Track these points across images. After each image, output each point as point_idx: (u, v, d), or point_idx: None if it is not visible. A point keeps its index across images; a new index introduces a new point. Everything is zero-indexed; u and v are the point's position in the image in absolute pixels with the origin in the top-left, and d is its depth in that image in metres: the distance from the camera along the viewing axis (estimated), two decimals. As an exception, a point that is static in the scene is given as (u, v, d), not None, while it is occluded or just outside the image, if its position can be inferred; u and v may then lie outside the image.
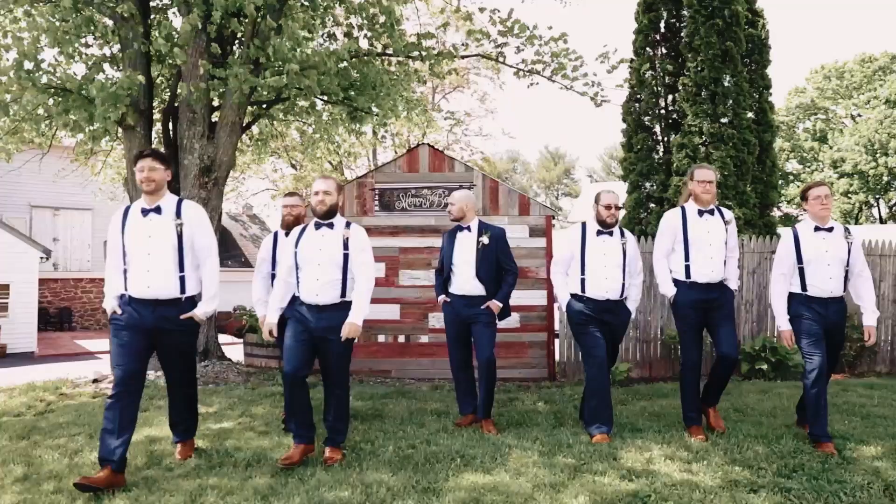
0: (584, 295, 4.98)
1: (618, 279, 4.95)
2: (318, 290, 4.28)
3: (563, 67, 8.57)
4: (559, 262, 5.17)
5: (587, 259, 4.98)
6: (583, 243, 5.02)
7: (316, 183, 4.46)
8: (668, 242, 4.98)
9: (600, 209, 5.01)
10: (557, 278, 5.16)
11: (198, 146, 7.60)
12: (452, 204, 5.24)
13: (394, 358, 8.72)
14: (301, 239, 4.40)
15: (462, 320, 5.17)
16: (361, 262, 4.41)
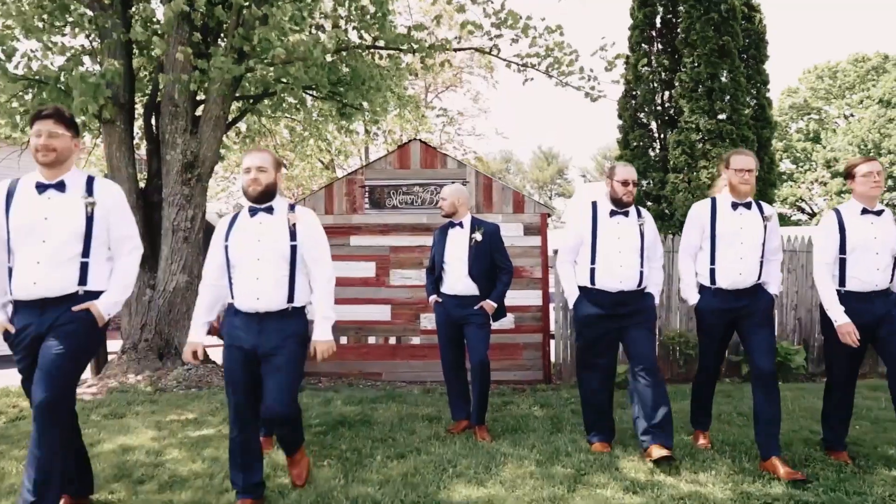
0: (594, 287, 4.33)
1: (634, 266, 4.29)
2: (259, 292, 3.38)
3: (558, 62, 8.32)
4: (567, 249, 4.51)
5: (599, 244, 4.32)
6: (594, 226, 4.35)
7: (247, 157, 3.52)
8: (696, 238, 4.35)
9: (615, 185, 4.33)
10: (564, 268, 4.53)
11: (180, 141, 7.31)
12: (443, 199, 4.98)
13: (384, 360, 8.46)
14: (233, 229, 3.50)
15: (454, 321, 4.92)
16: (317, 255, 3.58)
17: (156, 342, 7.26)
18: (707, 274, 4.28)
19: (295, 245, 3.48)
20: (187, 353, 3.50)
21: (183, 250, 7.35)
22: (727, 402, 6.52)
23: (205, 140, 7.39)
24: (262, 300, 3.40)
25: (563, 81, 8.50)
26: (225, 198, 31.27)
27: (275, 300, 3.42)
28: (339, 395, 6.55)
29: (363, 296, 8.47)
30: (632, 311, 4.34)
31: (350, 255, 8.52)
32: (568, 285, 4.53)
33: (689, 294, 4.48)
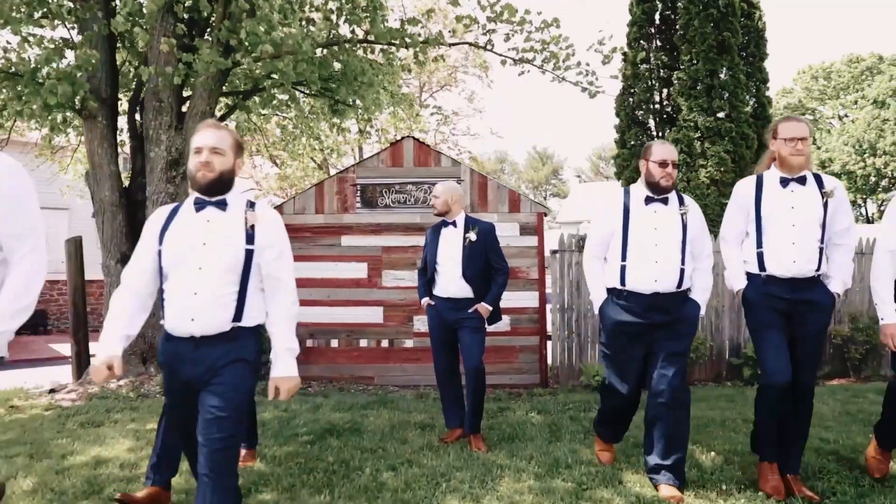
0: (623, 289, 3.65)
1: (673, 263, 3.59)
2: (196, 310, 2.61)
3: (554, 56, 8.10)
4: (595, 243, 3.85)
5: (631, 236, 3.65)
6: (625, 215, 3.69)
7: (198, 135, 2.75)
8: (739, 221, 3.72)
9: (651, 167, 3.68)
10: (591, 266, 3.88)
11: (165, 137, 7.06)
12: (436, 196, 4.74)
13: (376, 364, 8.22)
14: (170, 227, 2.74)
15: (447, 325, 4.68)
16: (279, 268, 2.79)
17: (139, 346, 7.00)
18: (755, 259, 3.64)
19: (251, 251, 2.70)
20: (99, 370, 2.62)
21: (167, 251, 7.08)
22: (730, 406, 6.31)
23: (190, 136, 7.12)
24: (198, 321, 2.62)
25: (560, 77, 8.27)
26: (218, 198, 30.93)
27: (215, 321, 2.64)
28: (329, 401, 6.31)
29: (354, 297, 8.24)
30: (669, 320, 3.62)
31: (341, 256, 8.28)
32: (594, 286, 3.86)
33: (734, 280, 3.79)
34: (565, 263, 8.29)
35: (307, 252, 8.27)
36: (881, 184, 38.90)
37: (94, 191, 7.18)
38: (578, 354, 8.28)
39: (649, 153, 3.73)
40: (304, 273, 8.25)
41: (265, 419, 5.36)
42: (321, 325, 8.21)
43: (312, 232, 8.30)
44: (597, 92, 8.27)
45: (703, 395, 7.01)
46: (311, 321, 8.20)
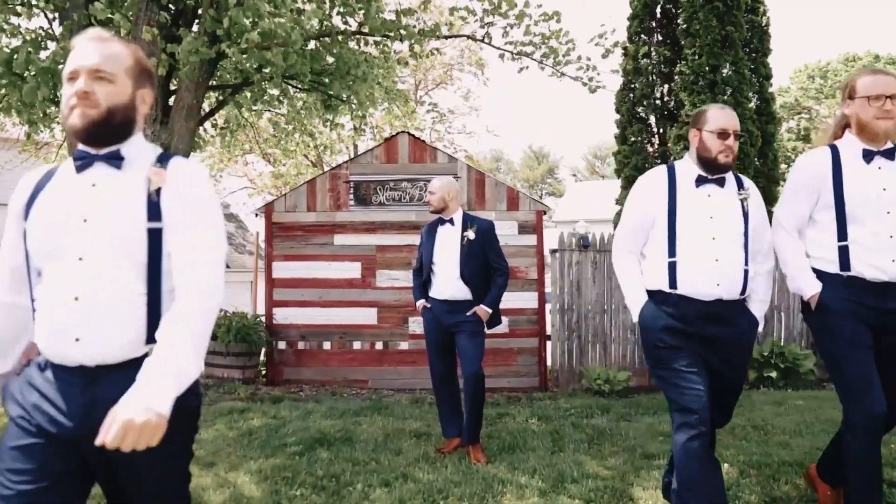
0: (674, 293, 2.84)
1: (737, 262, 2.82)
2: (79, 326, 1.65)
3: (554, 51, 7.83)
4: (628, 233, 3.03)
5: (681, 226, 2.84)
6: (671, 199, 2.88)
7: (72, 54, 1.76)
8: (805, 205, 2.91)
9: (707, 138, 2.85)
10: (623, 263, 3.03)
11: (149, 132, 6.74)
12: (432, 193, 4.47)
13: (370, 367, 7.96)
14: (38, 198, 1.78)
15: (444, 329, 4.42)
16: (190, 243, 1.73)
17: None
18: (834, 255, 2.83)
19: (159, 229, 1.71)
20: None
21: (152, 250, 6.79)
22: (737, 412, 6.06)
23: (176, 131, 6.83)
24: (84, 343, 1.64)
25: (560, 72, 8.01)
26: (211, 197, 30.63)
27: (113, 342, 1.65)
28: (321, 407, 6.04)
29: (348, 298, 7.97)
30: (726, 337, 2.84)
31: (334, 255, 8.01)
32: (630, 287, 3.00)
33: (803, 281, 2.90)
34: (565, 263, 8.04)
35: (299, 251, 8.00)
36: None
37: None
38: (579, 357, 8.03)
39: (703, 120, 2.89)
40: (296, 273, 7.98)
41: (252, 427, 5.09)
42: (313, 327, 7.94)
43: (304, 230, 8.03)
44: (597, 87, 8.01)
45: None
46: (303, 322, 7.94)
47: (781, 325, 8.52)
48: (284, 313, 7.96)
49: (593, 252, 8.08)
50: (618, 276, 3.08)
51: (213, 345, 7.42)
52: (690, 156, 2.97)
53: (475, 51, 28.73)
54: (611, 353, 8.10)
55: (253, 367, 7.62)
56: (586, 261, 8.07)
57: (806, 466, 3.81)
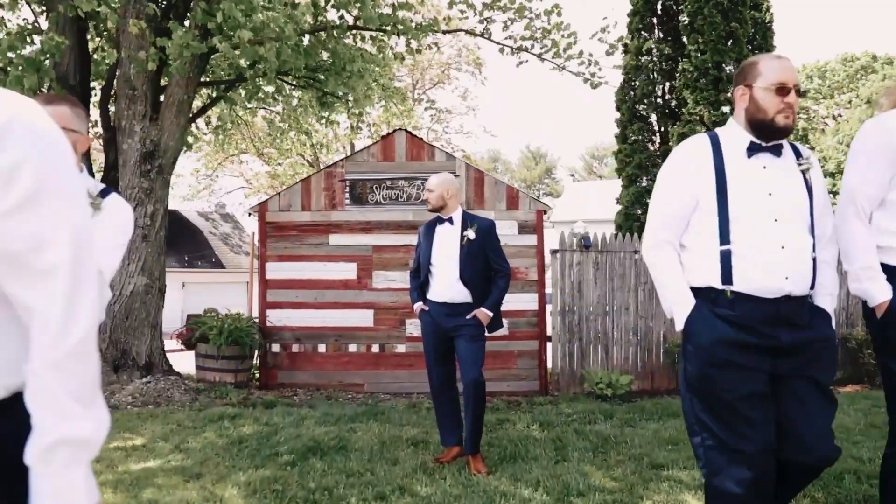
0: (729, 290, 2.21)
1: (806, 248, 2.23)
2: None
3: (555, 45, 7.65)
4: (663, 220, 2.39)
5: (734, 207, 2.23)
6: (720, 175, 2.26)
7: None
8: (875, 184, 2.38)
9: (761, 96, 2.25)
10: (662, 257, 2.36)
11: (139, 128, 6.57)
12: (430, 190, 4.27)
13: (366, 370, 7.76)
14: None
15: (443, 333, 4.22)
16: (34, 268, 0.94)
17: (110, 352, 6.51)
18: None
19: None
20: None
21: (142, 250, 6.60)
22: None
23: (166, 127, 6.65)
24: None
25: (561, 66, 7.82)
26: (207, 196, 30.51)
27: None
28: (314, 413, 5.84)
29: (343, 300, 7.78)
30: (807, 343, 2.22)
31: (329, 256, 7.82)
32: (671, 286, 2.32)
33: (870, 283, 2.36)
34: (566, 263, 7.85)
35: (293, 251, 7.81)
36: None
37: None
38: (580, 359, 7.85)
39: (755, 74, 2.26)
40: (290, 274, 7.78)
41: (243, 434, 4.89)
42: (308, 329, 7.74)
43: (299, 230, 7.83)
44: (599, 83, 7.82)
45: None
46: (298, 325, 7.74)
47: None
48: (278, 315, 7.76)
49: (595, 252, 7.90)
50: (654, 273, 2.40)
51: (204, 348, 7.23)
52: (737, 119, 2.35)
53: (473, 50, 28.61)
54: (613, 356, 7.91)
55: (246, 370, 7.42)
56: (587, 261, 7.89)
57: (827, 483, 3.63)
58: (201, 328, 7.30)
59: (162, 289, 6.82)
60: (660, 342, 7.99)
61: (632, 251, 7.96)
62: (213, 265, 26.32)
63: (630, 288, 7.95)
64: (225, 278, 25.81)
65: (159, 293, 6.79)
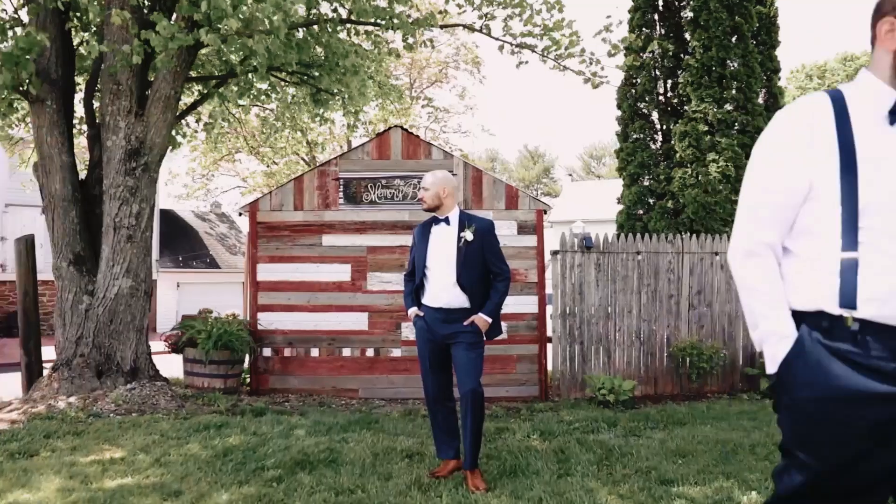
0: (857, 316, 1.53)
1: None
2: None
3: (556, 43, 7.40)
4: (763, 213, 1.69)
5: (866, 195, 1.54)
6: (846, 149, 1.57)
7: None
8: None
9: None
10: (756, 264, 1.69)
11: (123, 124, 6.31)
12: (426, 188, 4.03)
13: (361, 374, 7.52)
14: None
15: (439, 341, 3.98)
16: None
17: (94, 357, 6.26)
18: None
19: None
20: None
21: (126, 251, 6.35)
22: (755, 426, 5.65)
23: (152, 123, 6.39)
24: None
25: (562, 65, 7.58)
26: (203, 195, 30.23)
27: None
28: (305, 421, 5.59)
29: (337, 302, 7.53)
30: None
31: (322, 257, 7.57)
32: (765, 309, 1.67)
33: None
34: (567, 265, 7.62)
35: (285, 252, 7.56)
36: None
37: (43, 183, 6.42)
38: (581, 364, 7.61)
39: None
40: (282, 276, 7.54)
41: (229, 446, 4.64)
42: (300, 333, 7.50)
43: (291, 230, 7.59)
44: (601, 83, 7.58)
45: (721, 412, 6.35)
46: (290, 328, 7.50)
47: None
48: (270, 318, 7.52)
49: (596, 253, 7.66)
50: (744, 289, 1.72)
51: (193, 352, 6.98)
52: (875, 69, 1.65)
53: (471, 48, 28.38)
54: (614, 360, 7.68)
55: (235, 375, 7.17)
56: (589, 262, 7.65)
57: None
58: (190, 332, 7.05)
59: (148, 291, 6.57)
60: (663, 346, 7.76)
61: (634, 252, 7.73)
62: (209, 265, 26.02)
63: (633, 290, 7.72)
64: (221, 279, 25.53)
65: (145, 295, 6.54)
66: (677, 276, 7.81)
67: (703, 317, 7.84)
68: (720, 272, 7.89)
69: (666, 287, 7.77)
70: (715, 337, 7.84)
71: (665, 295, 7.77)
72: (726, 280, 7.88)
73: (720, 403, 6.91)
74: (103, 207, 6.45)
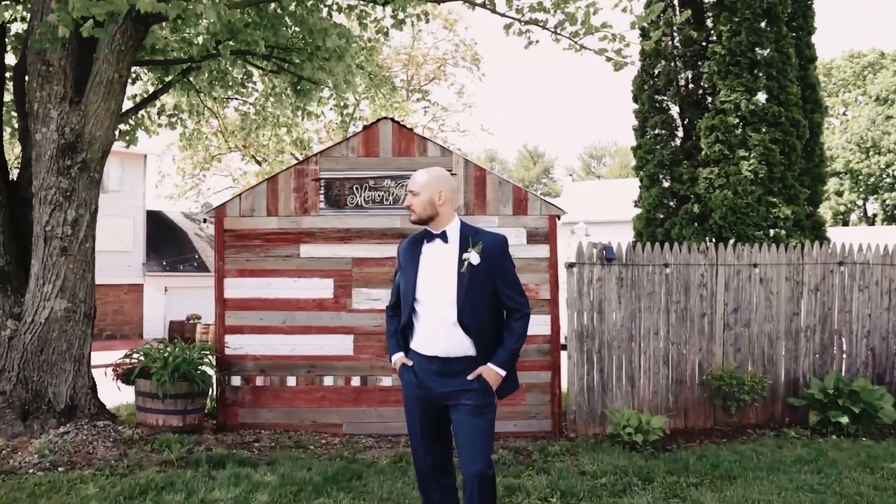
0: None
1: None
2: None
3: (572, 17, 6.35)
4: None
5: None
6: None
7: None
8: None
9: None
10: None
11: (55, 114, 5.26)
12: (414, 192, 2.97)
13: (345, 407, 6.47)
14: None
15: (433, 400, 2.92)
16: None
17: (19, 394, 5.21)
18: None
19: None
20: None
21: (60, 266, 5.29)
22: (820, 482, 4.60)
23: (92, 113, 5.34)
24: None
25: (578, 44, 6.53)
26: (194, 196, 29.22)
27: None
28: (271, 477, 4.55)
29: (317, 323, 6.48)
30: None
31: (300, 270, 6.52)
32: None
33: None
34: (584, 279, 6.57)
35: (257, 265, 6.51)
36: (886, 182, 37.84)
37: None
38: (601, 395, 6.56)
39: None
40: (254, 292, 6.48)
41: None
42: (275, 359, 6.45)
43: (264, 239, 6.53)
44: (624, 63, 6.53)
45: (773, 460, 5.31)
46: (263, 353, 6.45)
47: (842, 352, 7.08)
48: (239, 341, 6.47)
49: (618, 266, 6.62)
50: None
51: (145, 384, 5.91)
52: None
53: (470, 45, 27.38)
54: (639, 390, 6.64)
55: (196, 411, 6.11)
56: (610, 277, 6.60)
57: None
58: (145, 360, 5.99)
59: (89, 313, 5.52)
60: (695, 372, 6.72)
61: (661, 264, 6.69)
62: (197, 269, 24.99)
63: (660, 308, 6.67)
64: (210, 283, 24.51)
65: (85, 319, 5.49)
66: (710, 291, 6.77)
67: (740, 338, 6.80)
68: (759, 286, 6.85)
69: (698, 304, 6.73)
70: (754, 361, 6.80)
71: (697, 313, 6.73)
72: (766, 295, 6.85)
73: (767, 445, 5.86)
74: (33, 214, 5.39)
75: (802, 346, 6.94)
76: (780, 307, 6.89)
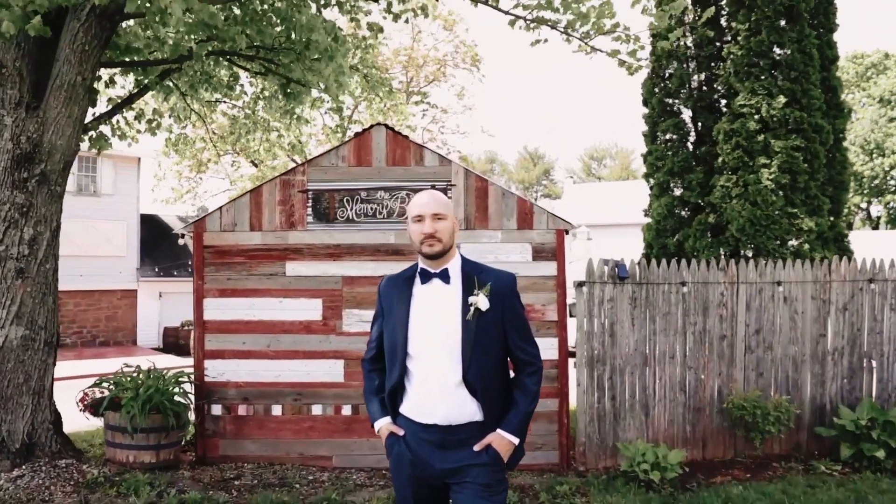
0: None
1: None
2: None
3: (584, 16, 5.83)
4: None
5: None
6: None
7: None
8: None
9: None
10: None
11: (10, 121, 4.73)
12: (439, 216, 2.39)
13: (335, 438, 5.95)
14: None
15: (431, 478, 2.39)
16: None
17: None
18: None
19: None
20: None
21: (16, 289, 4.77)
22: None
23: (52, 119, 4.82)
24: None
25: (589, 45, 6.02)
26: (191, 199, 28.70)
27: None
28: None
29: (305, 347, 5.96)
30: None
31: (286, 290, 5.99)
32: None
33: None
34: (595, 300, 6.05)
35: (239, 284, 5.98)
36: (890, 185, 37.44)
37: None
38: (612, 424, 6.04)
39: None
40: (235, 314, 5.96)
41: None
42: (259, 386, 5.93)
43: (246, 256, 6.01)
44: (639, 66, 6.01)
45: (805, 502, 4.78)
46: (246, 380, 5.93)
47: (873, 376, 6.56)
48: (220, 367, 5.95)
49: (631, 284, 6.10)
50: None
51: (114, 417, 5.38)
52: None
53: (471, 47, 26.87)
54: (654, 419, 6.12)
55: (171, 445, 5.57)
56: (622, 296, 6.08)
57: None
58: (115, 391, 5.46)
59: (50, 340, 5.00)
60: (714, 399, 6.20)
61: (678, 283, 6.17)
62: (192, 275, 24.51)
63: (676, 330, 6.16)
64: (188, 288, 24.06)
65: (46, 347, 4.96)
66: (731, 311, 6.25)
67: (762, 362, 6.28)
68: (783, 306, 6.33)
69: (717, 326, 6.21)
70: (777, 387, 6.28)
71: (716, 336, 6.22)
72: (790, 315, 6.33)
73: (797, 484, 5.33)
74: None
75: (829, 370, 6.43)
76: (806, 328, 6.37)
